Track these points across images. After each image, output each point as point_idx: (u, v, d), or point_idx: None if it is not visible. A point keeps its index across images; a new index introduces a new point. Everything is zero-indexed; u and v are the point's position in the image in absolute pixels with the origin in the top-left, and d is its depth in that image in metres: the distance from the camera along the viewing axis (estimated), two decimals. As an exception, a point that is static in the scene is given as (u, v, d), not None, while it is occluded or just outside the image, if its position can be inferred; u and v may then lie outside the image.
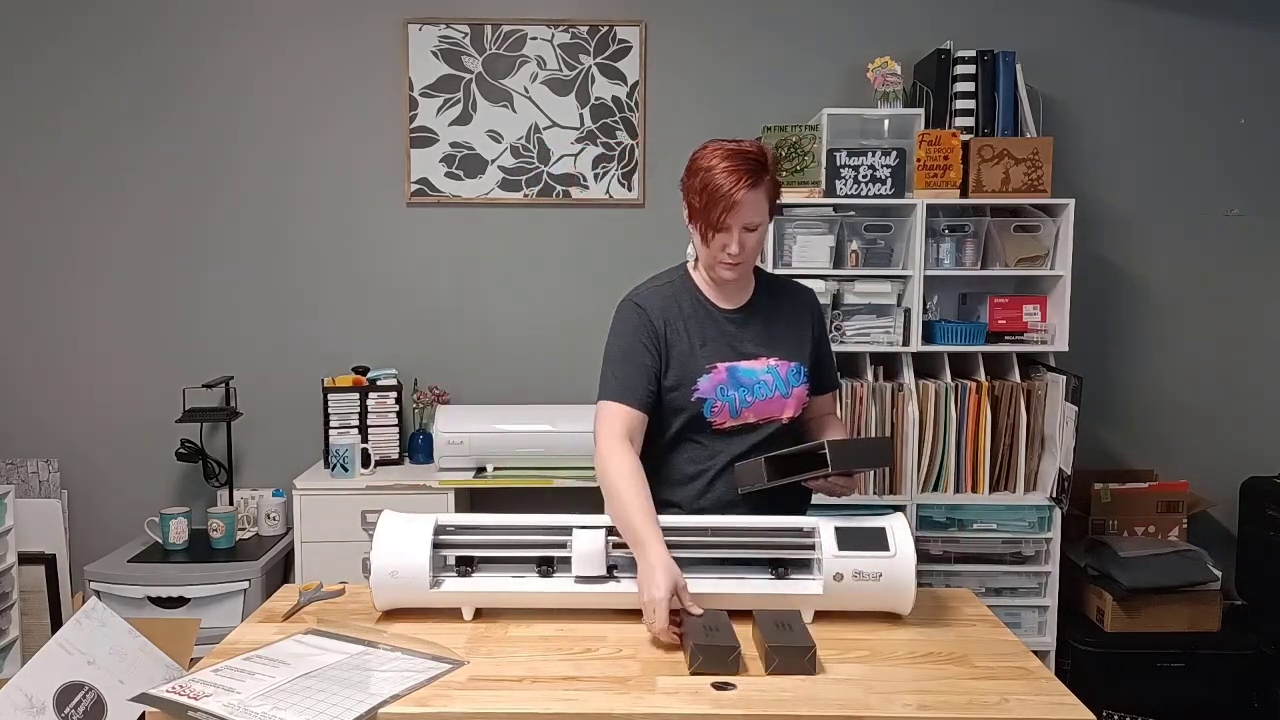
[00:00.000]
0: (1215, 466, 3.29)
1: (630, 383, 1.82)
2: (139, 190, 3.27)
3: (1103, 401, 3.29)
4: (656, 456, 1.90)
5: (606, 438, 1.79)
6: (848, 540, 1.65)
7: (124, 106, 3.24)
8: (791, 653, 1.46)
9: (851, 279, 2.90)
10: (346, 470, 2.98)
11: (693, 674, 1.45)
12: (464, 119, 3.25)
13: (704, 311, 1.90)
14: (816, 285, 2.87)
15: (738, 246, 1.78)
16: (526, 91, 3.25)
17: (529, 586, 1.67)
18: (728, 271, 1.84)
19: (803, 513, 1.96)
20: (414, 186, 3.27)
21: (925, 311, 2.95)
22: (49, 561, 2.98)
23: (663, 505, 1.87)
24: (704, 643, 1.47)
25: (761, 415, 1.86)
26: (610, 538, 1.68)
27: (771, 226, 2.85)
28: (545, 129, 3.26)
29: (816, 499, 2.89)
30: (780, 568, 1.70)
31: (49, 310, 3.29)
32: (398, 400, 3.17)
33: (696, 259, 1.92)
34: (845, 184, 2.86)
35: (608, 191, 3.28)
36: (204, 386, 3.12)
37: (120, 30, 3.22)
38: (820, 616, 1.66)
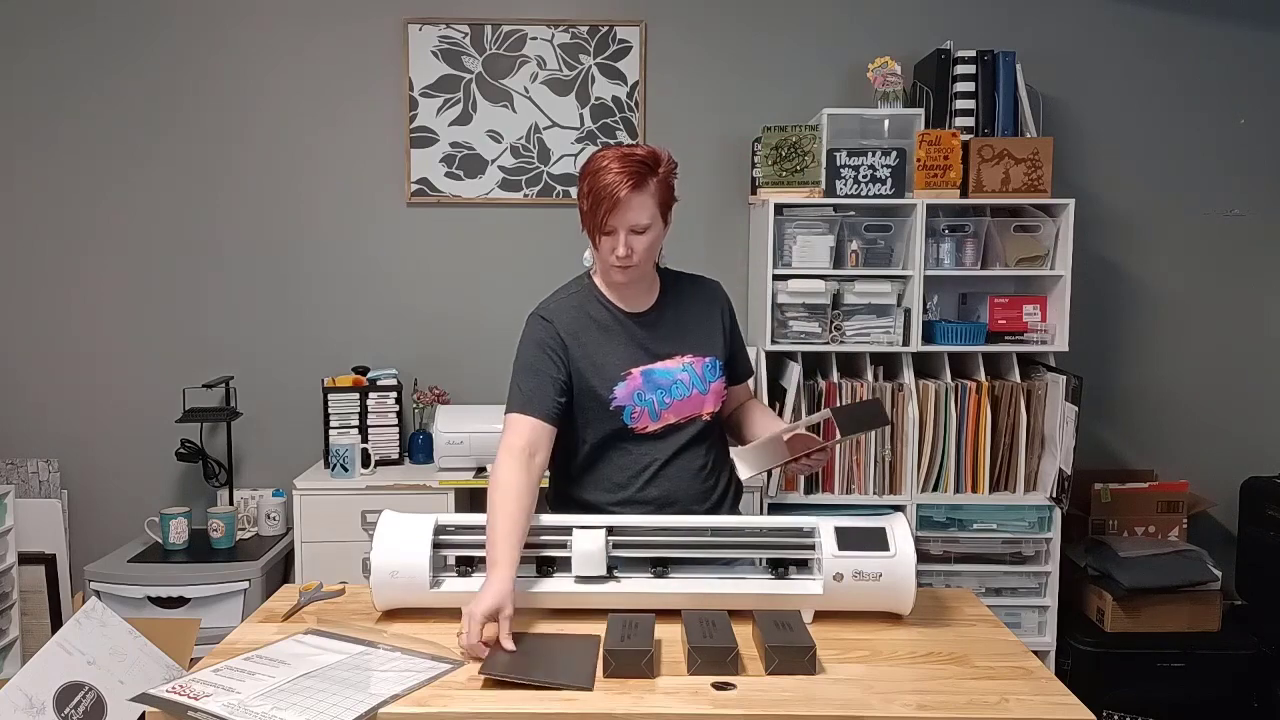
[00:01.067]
0: (1215, 466, 3.28)
1: (535, 395, 1.82)
2: (139, 191, 3.27)
3: (1103, 401, 3.29)
4: (585, 465, 1.89)
5: (503, 450, 1.77)
6: (848, 540, 1.65)
7: (124, 107, 3.24)
8: (791, 653, 1.46)
9: (851, 279, 2.90)
10: (346, 470, 2.98)
11: (691, 675, 1.45)
12: (464, 119, 3.25)
13: (612, 318, 1.90)
14: (816, 285, 2.88)
15: (625, 249, 1.77)
16: (526, 91, 3.25)
17: (529, 586, 1.67)
18: (619, 275, 1.83)
19: (736, 497, 1.98)
20: (414, 186, 3.27)
21: (925, 311, 2.95)
22: (49, 561, 2.98)
23: (591, 510, 1.86)
24: (701, 644, 1.47)
25: (682, 415, 1.86)
26: (610, 538, 1.68)
27: (771, 227, 2.86)
28: (545, 129, 3.26)
29: (816, 498, 2.92)
30: (780, 568, 1.70)
31: (49, 310, 3.29)
32: (398, 400, 3.17)
33: (594, 268, 1.94)
34: (845, 184, 2.86)
35: (608, 191, 3.27)
36: (204, 386, 3.12)
37: (121, 31, 3.22)
38: (820, 616, 1.66)
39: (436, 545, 1.68)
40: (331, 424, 3.12)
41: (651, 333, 1.89)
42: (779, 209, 2.88)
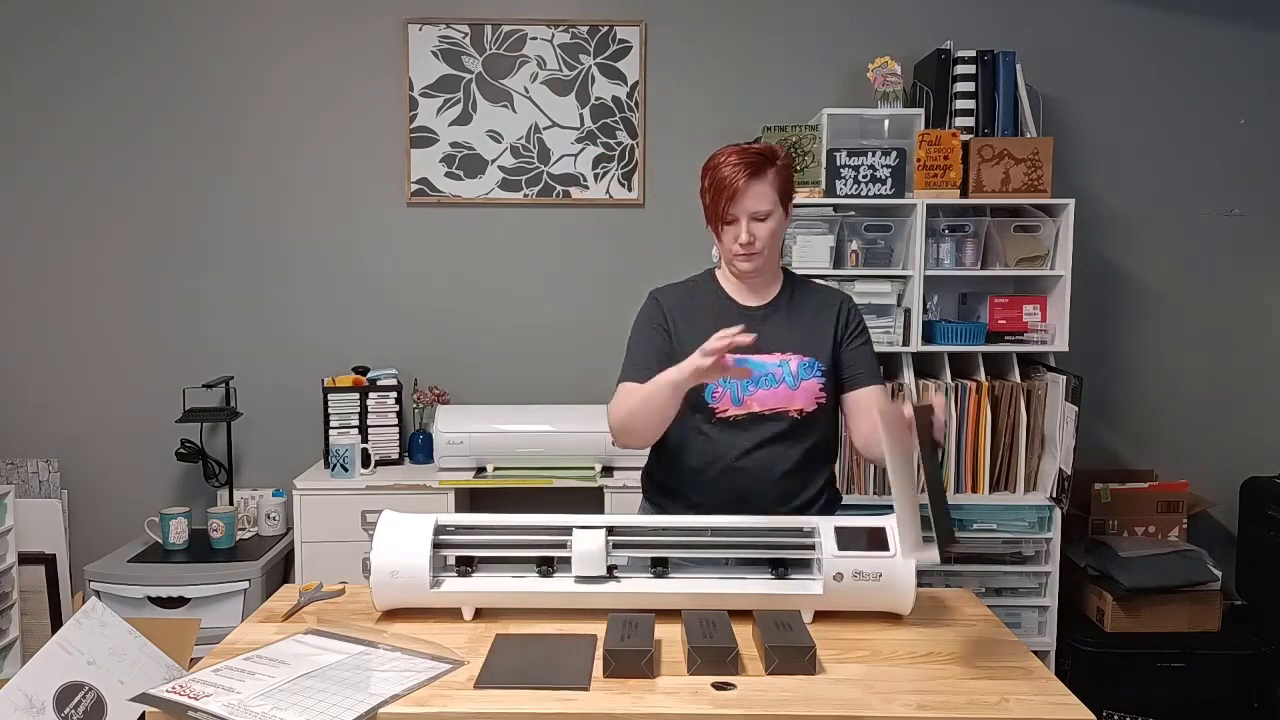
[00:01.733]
0: (1215, 466, 3.28)
1: (642, 363, 1.90)
2: (139, 190, 3.27)
3: (1103, 401, 3.29)
4: (668, 449, 1.93)
5: (611, 405, 1.89)
6: (848, 540, 1.65)
7: (125, 106, 3.24)
8: (791, 653, 1.46)
9: (851, 279, 2.90)
10: (346, 470, 2.98)
11: (691, 674, 1.45)
12: (464, 119, 3.25)
13: (722, 307, 1.95)
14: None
15: (747, 235, 1.84)
16: (526, 91, 3.25)
17: (529, 586, 1.67)
18: (744, 263, 1.89)
19: (827, 509, 1.98)
20: (414, 186, 3.27)
21: (925, 311, 2.95)
22: (49, 561, 2.98)
23: (672, 495, 1.92)
24: (701, 644, 1.47)
25: (767, 406, 1.87)
26: (610, 538, 1.68)
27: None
28: (545, 129, 3.26)
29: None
30: (780, 568, 1.70)
31: (49, 310, 3.29)
32: (398, 400, 3.17)
33: (720, 262, 1.99)
34: (845, 184, 2.86)
35: (608, 191, 3.28)
36: (204, 386, 3.12)
37: (121, 31, 3.22)
38: (820, 616, 1.66)
39: (436, 545, 1.68)
40: (331, 424, 3.12)
41: (759, 326, 1.91)
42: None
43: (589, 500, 2.94)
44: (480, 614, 1.69)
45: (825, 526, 1.68)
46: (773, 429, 1.87)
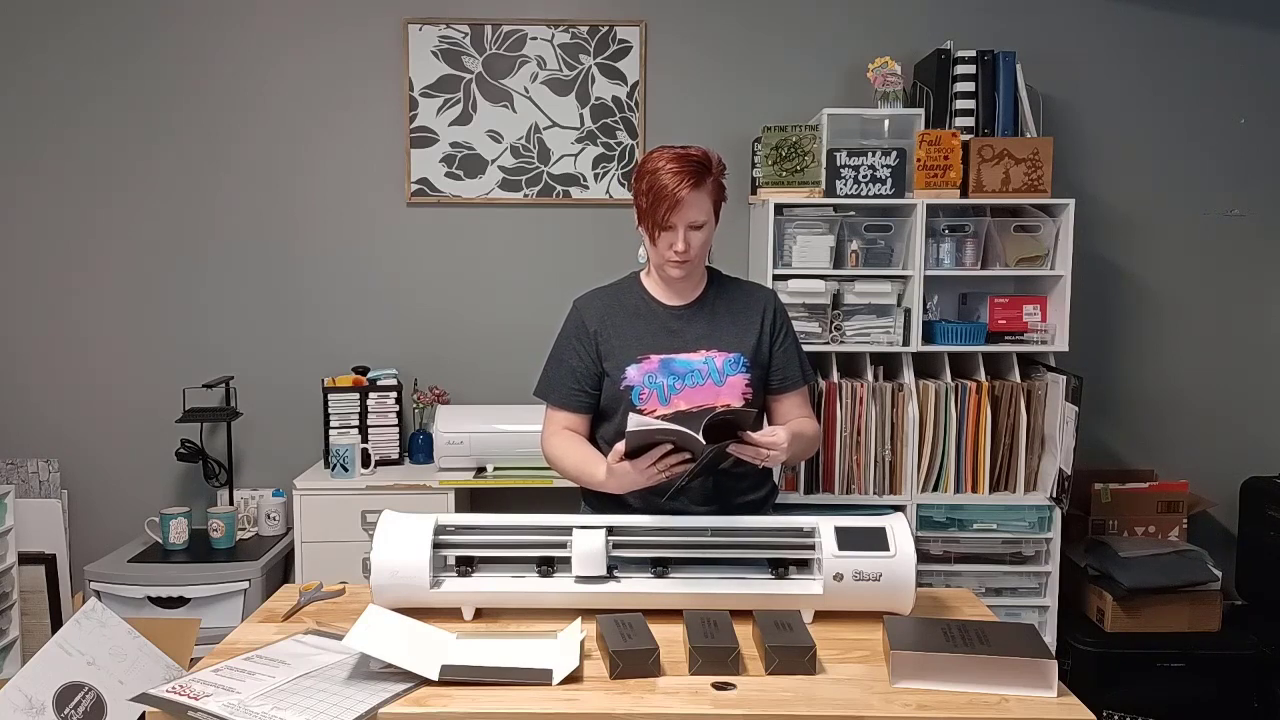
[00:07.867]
0: (1215, 466, 3.28)
1: (554, 382, 1.98)
2: (140, 190, 3.27)
3: (1103, 401, 3.29)
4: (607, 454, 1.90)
5: (543, 435, 2.00)
6: (848, 540, 1.65)
7: (125, 107, 3.24)
8: (791, 653, 1.46)
9: (851, 279, 2.90)
10: (346, 470, 2.98)
11: (693, 674, 1.45)
12: (464, 119, 3.25)
13: (646, 309, 1.96)
14: (816, 285, 2.88)
15: (683, 244, 1.85)
16: (526, 91, 3.25)
17: (529, 586, 1.68)
18: (676, 269, 1.89)
19: (762, 506, 1.98)
20: (414, 186, 3.27)
21: (925, 311, 2.95)
22: (49, 561, 2.98)
23: (609, 498, 1.89)
24: (703, 644, 1.47)
25: (694, 403, 1.87)
26: (610, 538, 1.68)
27: (771, 227, 2.86)
28: (545, 129, 3.26)
29: (816, 498, 2.92)
30: (780, 568, 1.70)
31: (50, 309, 3.29)
32: (398, 400, 3.17)
33: (648, 264, 2.00)
34: (845, 184, 2.86)
35: (608, 191, 3.28)
36: (204, 386, 3.12)
37: (123, 31, 3.21)
38: (820, 616, 1.66)
39: (436, 545, 1.68)
40: (331, 424, 3.12)
41: (683, 325, 1.94)
42: (779, 209, 2.88)
43: (589, 500, 2.94)
44: (480, 614, 1.69)
45: (825, 526, 1.68)
46: None
